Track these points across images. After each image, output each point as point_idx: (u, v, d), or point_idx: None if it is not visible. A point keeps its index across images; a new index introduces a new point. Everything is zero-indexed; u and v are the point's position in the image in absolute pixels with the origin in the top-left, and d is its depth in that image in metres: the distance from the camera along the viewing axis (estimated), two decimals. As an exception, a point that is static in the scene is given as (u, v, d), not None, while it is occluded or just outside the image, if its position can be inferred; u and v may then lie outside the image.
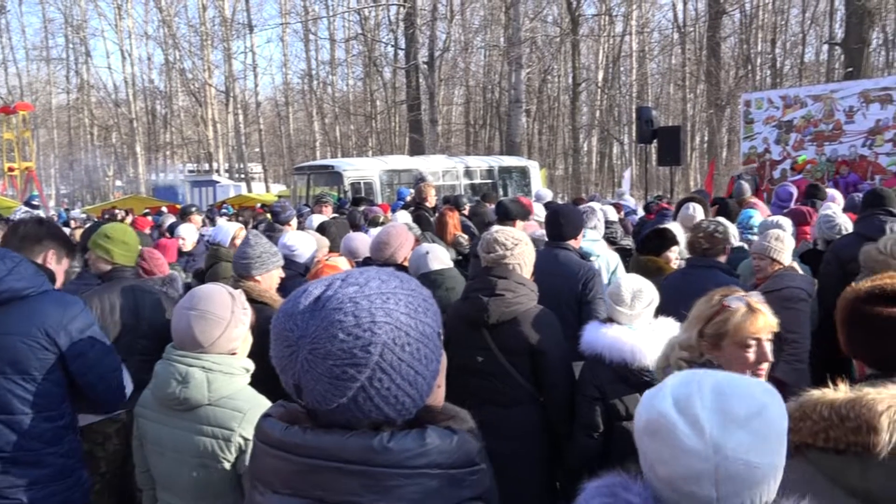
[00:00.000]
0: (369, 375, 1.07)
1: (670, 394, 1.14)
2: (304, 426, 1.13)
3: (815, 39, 34.43)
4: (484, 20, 34.56)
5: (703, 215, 5.67)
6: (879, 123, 13.78)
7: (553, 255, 4.18)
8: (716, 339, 2.24)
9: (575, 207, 4.83)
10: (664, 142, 13.74)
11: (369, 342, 1.07)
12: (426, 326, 1.15)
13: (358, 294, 1.11)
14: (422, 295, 1.18)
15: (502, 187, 18.17)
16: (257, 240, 3.43)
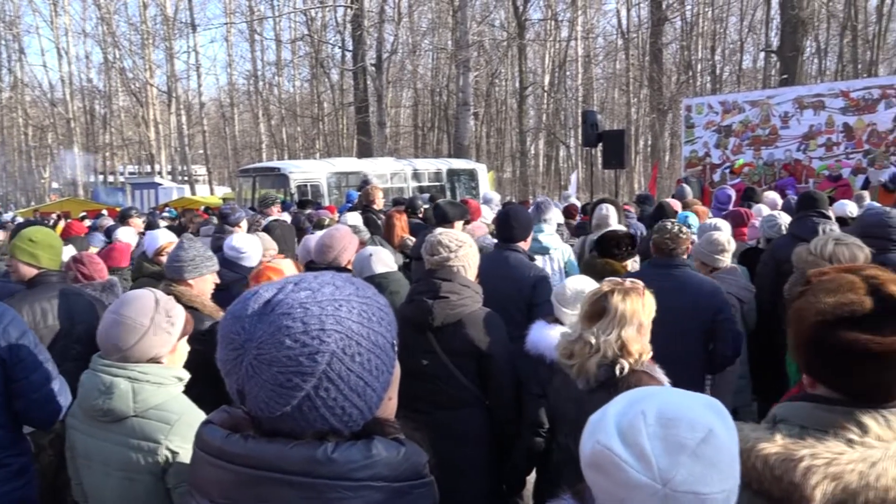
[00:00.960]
0: (315, 385, 1.04)
1: (614, 423, 1.08)
2: (245, 434, 1.09)
3: (752, 47, 35.61)
4: (432, 23, 34.64)
5: (615, 216, 5.79)
6: (812, 129, 14.32)
7: (503, 257, 4.20)
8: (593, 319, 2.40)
9: (524, 209, 4.85)
10: (609, 145, 13.93)
11: (317, 350, 1.04)
12: (379, 336, 1.12)
13: (309, 299, 1.07)
14: (377, 303, 1.15)
15: (451, 190, 18.22)
16: (191, 243, 3.36)
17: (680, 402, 1.10)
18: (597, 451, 1.08)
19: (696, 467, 1.03)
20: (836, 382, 1.37)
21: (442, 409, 3.01)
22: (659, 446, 1.04)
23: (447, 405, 3.03)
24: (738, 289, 4.58)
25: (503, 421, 3.09)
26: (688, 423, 1.05)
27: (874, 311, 1.33)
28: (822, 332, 1.36)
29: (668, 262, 3.99)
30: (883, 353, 1.29)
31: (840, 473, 1.24)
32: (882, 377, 1.32)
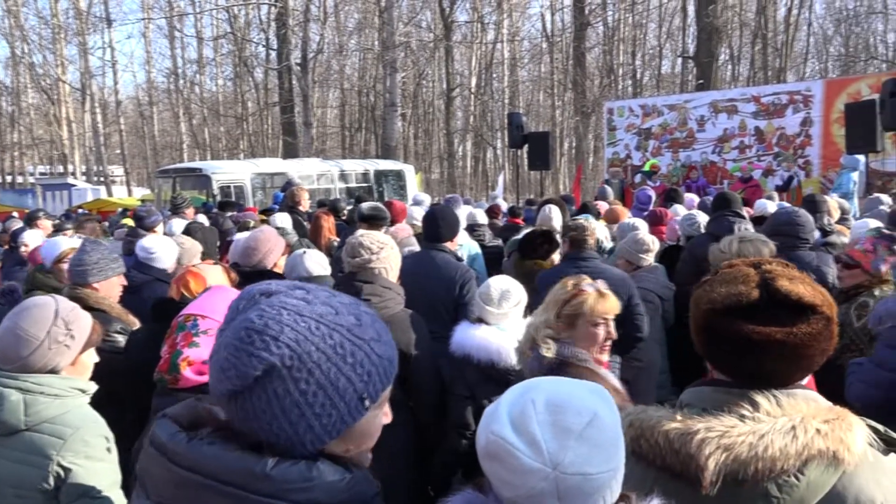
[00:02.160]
0: (249, 386, 0.99)
1: (506, 413, 1.14)
2: (191, 434, 1.04)
3: (670, 53, 36.84)
4: (358, 23, 34.40)
5: (559, 217, 5.91)
6: (727, 132, 14.92)
7: (430, 257, 4.23)
8: (572, 319, 2.48)
9: (452, 210, 4.88)
10: (534, 147, 14.19)
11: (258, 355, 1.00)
12: (344, 379, 1.05)
13: (293, 307, 1.03)
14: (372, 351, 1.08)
15: (378, 191, 18.14)
16: (94, 246, 3.23)
17: (567, 390, 1.16)
18: (491, 441, 1.13)
19: (583, 449, 1.09)
20: (725, 367, 1.46)
21: (368, 413, 2.96)
22: (548, 432, 1.10)
23: (373, 409, 2.99)
24: (659, 286, 4.72)
25: (426, 422, 3.08)
26: (574, 409, 1.12)
27: (760, 303, 1.41)
28: (711, 320, 1.44)
29: (581, 255, 4.30)
30: (764, 341, 1.37)
31: (731, 445, 1.32)
32: (765, 364, 1.40)
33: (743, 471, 1.31)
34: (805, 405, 1.37)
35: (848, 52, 38.51)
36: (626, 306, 3.98)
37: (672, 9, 34.86)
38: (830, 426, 1.33)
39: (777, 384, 1.40)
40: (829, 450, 1.30)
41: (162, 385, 2.29)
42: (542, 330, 2.49)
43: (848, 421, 1.35)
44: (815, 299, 1.41)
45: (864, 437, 1.35)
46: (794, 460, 1.30)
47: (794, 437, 1.31)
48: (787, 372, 1.41)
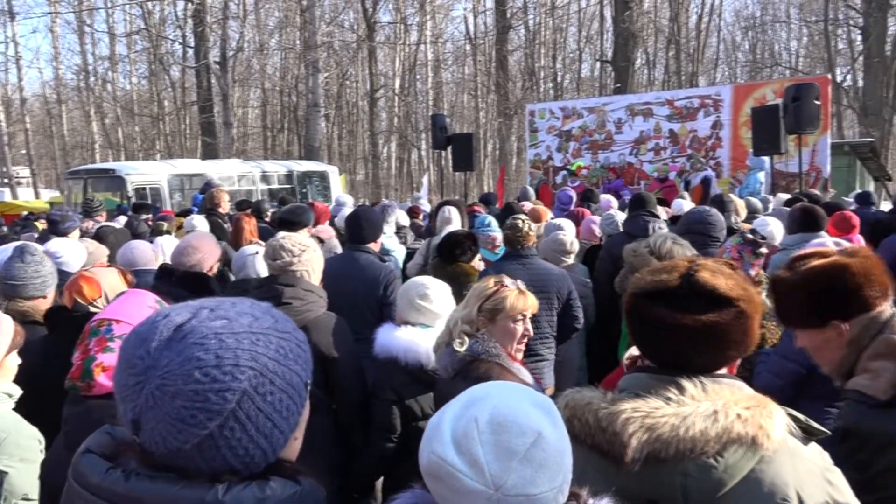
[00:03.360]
0: (220, 424, 0.96)
1: (449, 431, 1.12)
2: (128, 469, 0.99)
3: (590, 57, 37.76)
4: (279, 22, 33.78)
5: (458, 217, 5.98)
6: (643, 134, 15.41)
7: (353, 258, 4.22)
8: (492, 314, 2.53)
9: (375, 210, 4.88)
10: (458, 148, 14.27)
11: (228, 387, 0.96)
12: (294, 375, 1.05)
13: (225, 329, 0.99)
14: (296, 339, 1.09)
15: (302, 193, 17.88)
16: (31, 257, 3.06)
17: (511, 405, 1.14)
18: (433, 462, 1.12)
19: (527, 471, 1.09)
20: (648, 351, 1.54)
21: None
22: (491, 453, 1.09)
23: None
24: (578, 286, 4.84)
25: (350, 425, 3.06)
26: (518, 429, 1.11)
27: (679, 291, 1.48)
28: (634, 304, 1.54)
29: (520, 253, 4.43)
30: (675, 326, 1.45)
31: (654, 425, 1.38)
32: (680, 349, 1.47)
33: (665, 450, 1.37)
34: (729, 392, 1.44)
35: (755, 58, 40.43)
36: (566, 300, 4.38)
37: (591, 14, 35.80)
38: (751, 412, 1.40)
39: (697, 371, 1.47)
40: (749, 435, 1.37)
41: (74, 392, 2.20)
42: (459, 325, 2.52)
43: (769, 409, 1.42)
44: (731, 293, 1.48)
45: (783, 425, 1.42)
46: (714, 443, 1.36)
47: (714, 421, 1.37)
48: (702, 359, 1.47)
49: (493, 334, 2.51)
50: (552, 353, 4.40)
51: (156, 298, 2.17)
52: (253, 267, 3.85)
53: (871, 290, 1.88)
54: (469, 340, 2.47)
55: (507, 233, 4.54)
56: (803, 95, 10.19)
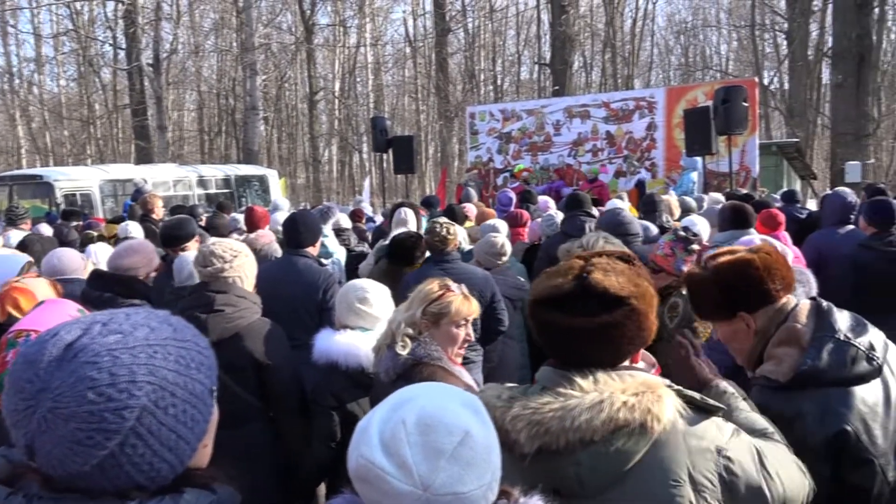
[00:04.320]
0: (121, 442, 0.93)
1: (377, 434, 1.13)
2: (30, 494, 0.95)
3: (528, 59, 38.20)
4: (215, 23, 33.12)
5: (414, 219, 5.99)
6: (581, 136, 15.68)
7: (292, 263, 4.17)
8: (436, 318, 2.52)
9: (313, 214, 4.82)
10: (399, 151, 14.25)
11: (125, 405, 0.93)
12: (197, 384, 1.03)
13: (119, 345, 0.96)
14: (197, 346, 1.06)
15: (240, 197, 17.58)
16: None
17: (439, 405, 1.15)
18: (361, 465, 1.12)
19: (455, 469, 1.10)
20: (553, 352, 1.60)
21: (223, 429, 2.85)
22: (419, 454, 1.10)
23: (229, 424, 2.87)
24: (509, 288, 4.87)
25: (288, 433, 3.01)
26: (445, 428, 1.12)
27: (573, 294, 1.54)
28: (534, 310, 1.59)
29: (444, 257, 4.40)
30: (572, 329, 1.51)
31: (542, 420, 1.44)
32: (579, 349, 1.53)
33: (555, 442, 1.43)
34: (620, 381, 1.48)
35: (687, 61, 41.61)
36: (489, 303, 4.31)
37: (529, 17, 36.25)
38: (638, 399, 1.45)
39: (597, 366, 1.52)
40: (636, 420, 1.43)
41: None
42: (402, 327, 2.50)
43: (657, 393, 1.47)
44: (622, 291, 1.52)
45: (673, 407, 1.48)
46: (601, 432, 1.42)
47: (599, 411, 1.43)
48: (601, 356, 1.53)
49: (435, 338, 2.50)
50: (479, 356, 4.42)
51: (77, 307, 2.09)
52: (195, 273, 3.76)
53: (773, 283, 2.00)
54: (411, 343, 2.46)
55: (426, 237, 4.51)
56: (732, 98, 10.55)
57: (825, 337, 1.91)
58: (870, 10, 19.96)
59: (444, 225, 4.47)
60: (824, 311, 1.98)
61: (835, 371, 1.87)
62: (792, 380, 1.88)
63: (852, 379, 1.88)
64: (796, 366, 1.89)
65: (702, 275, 2.08)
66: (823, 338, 1.91)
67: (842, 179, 17.07)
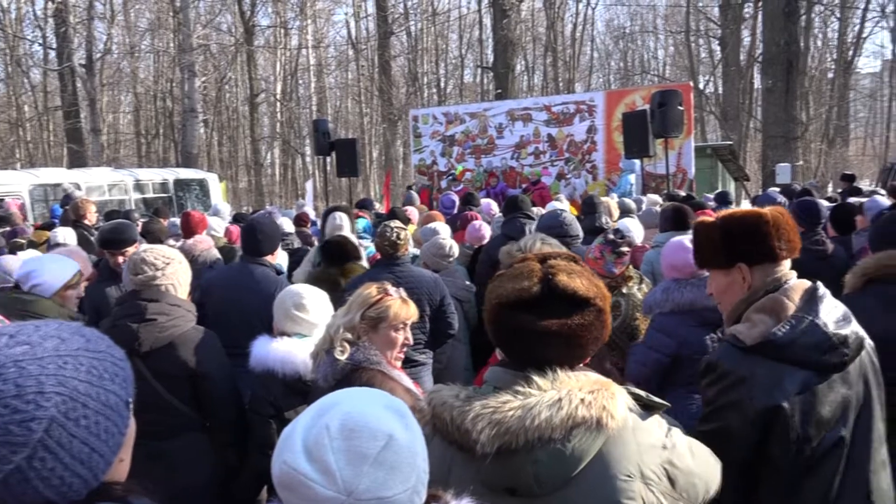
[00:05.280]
0: (28, 456, 0.89)
1: (301, 441, 1.13)
2: None
3: (471, 63, 38.44)
4: (151, 23, 32.29)
5: (348, 223, 5.96)
6: (523, 139, 15.84)
7: (248, 271, 4.08)
8: (375, 322, 2.51)
9: (274, 222, 4.72)
10: (342, 154, 14.14)
11: (32, 417, 0.89)
12: (111, 395, 1.00)
13: (26, 356, 0.92)
14: (112, 357, 1.03)
15: (179, 202, 17.17)
16: None
17: (362, 411, 1.15)
18: (284, 472, 1.11)
19: (379, 474, 1.10)
20: (511, 354, 1.60)
21: (158, 440, 2.78)
22: (342, 459, 1.10)
23: (164, 435, 2.82)
24: (457, 290, 4.91)
25: (226, 444, 2.95)
26: (369, 433, 1.12)
27: (541, 297, 1.55)
28: (500, 313, 1.57)
29: (393, 262, 4.37)
30: (543, 332, 1.52)
31: (502, 419, 1.45)
32: (546, 352, 1.54)
33: (514, 441, 1.43)
34: (575, 380, 1.51)
35: (626, 66, 42.55)
36: (438, 305, 4.34)
37: (471, 21, 36.48)
38: (594, 396, 1.48)
39: (559, 367, 1.54)
40: (593, 417, 1.45)
41: None
42: (341, 332, 2.48)
43: (611, 390, 1.51)
44: (588, 293, 1.56)
45: (625, 404, 1.52)
46: (560, 429, 1.44)
47: (559, 409, 1.45)
48: (566, 358, 1.55)
49: (373, 342, 2.49)
50: (428, 358, 4.43)
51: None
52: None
53: (778, 241, 2.03)
54: (350, 348, 2.44)
55: (376, 241, 4.49)
56: (668, 101, 10.81)
57: (804, 318, 1.93)
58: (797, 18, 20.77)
59: (395, 229, 4.41)
60: (818, 296, 2.00)
61: (799, 351, 1.90)
62: (758, 345, 1.92)
63: (813, 365, 1.91)
64: (766, 333, 1.92)
65: (712, 222, 2.13)
66: (803, 318, 1.93)
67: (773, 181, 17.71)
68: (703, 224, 2.16)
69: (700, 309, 3.29)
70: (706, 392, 2.00)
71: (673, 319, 3.33)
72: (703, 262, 2.21)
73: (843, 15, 33.38)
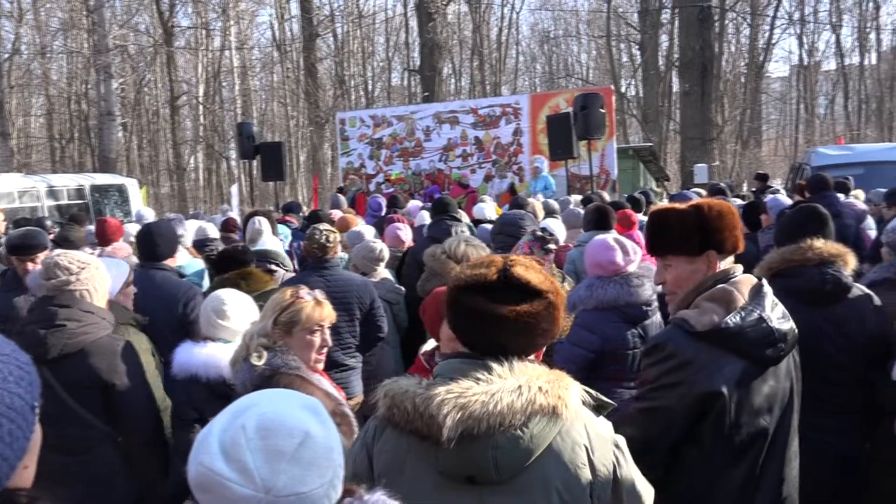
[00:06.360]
0: None
1: (217, 442, 1.14)
2: None
3: (399, 66, 38.43)
4: (63, 23, 30.95)
5: (269, 228, 5.91)
6: (450, 141, 15.94)
7: (148, 277, 3.97)
8: (289, 326, 2.49)
9: (170, 224, 4.63)
10: (267, 157, 13.93)
11: None
12: (16, 398, 0.96)
13: None
14: (17, 361, 1.00)
15: (97, 208, 16.52)
16: None
17: (278, 410, 1.18)
18: (201, 474, 1.13)
19: (296, 470, 1.13)
20: (467, 339, 1.65)
21: (68, 454, 2.68)
22: (260, 458, 1.12)
23: (74, 448, 2.71)
24: (387, 292, 4.92)
25: (139, 457, 2.87)
26: (286, 431, 1.15)
27: (496, 284, 1.60)
28: (456, 295, 1.64)
29: (322, 265, 4.36)
30: (493, 315, 1.57)
31: (466, 404, 1.49)
32: (496, 336, 1.59)
33: (477, 426, 1.47)
34: (532, 369, 1.57)
35: (551, 70, 43.34)
36: (368, 309, 4.35)
37: (398, 24, 36.46)
38: (551, 385, 1.54)
39: (510, 355, 1.59)
40: (550, 405, 1.52)
41: None
42: (256, 338, 2.46)
43: (565, 381, 1.58)
44: (541, 286, 1.61)
45: (578, 395, 1.60)
46: (520, 415, 1.49)
47: (519, 395, 1.50)
48: (517, 345, 1.60)
49: (291, 346, 2.48)
50: (358, 362, 4.41)
51: None
52: None
53: (738, 232, 2.17)
54: (267, 354, 2.42)
55: (305, 244, 4.48)
56: (590, 104, 11.08)
57: (753, 311, 2.02)
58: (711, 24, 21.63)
59: (324, 232, 4.40)
60: (763, 292, 2.10)
61: (745, 342, 1.99)
62: (707, 332, 2.00)
63: (754, 356, 2.01)
64: (716, 322, 2.00)
65: (682, 209, 2.18)
66: (752, 311, 2.02)
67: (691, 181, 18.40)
68: (674, 210, 2.20)
69: (623, 305, 3.40)
70: (648, 371, 2.08)
71: (596, 316, 3.43)
72: (667, 248, 2.22)
73: (754, 22, 34.97)
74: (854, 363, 2.84)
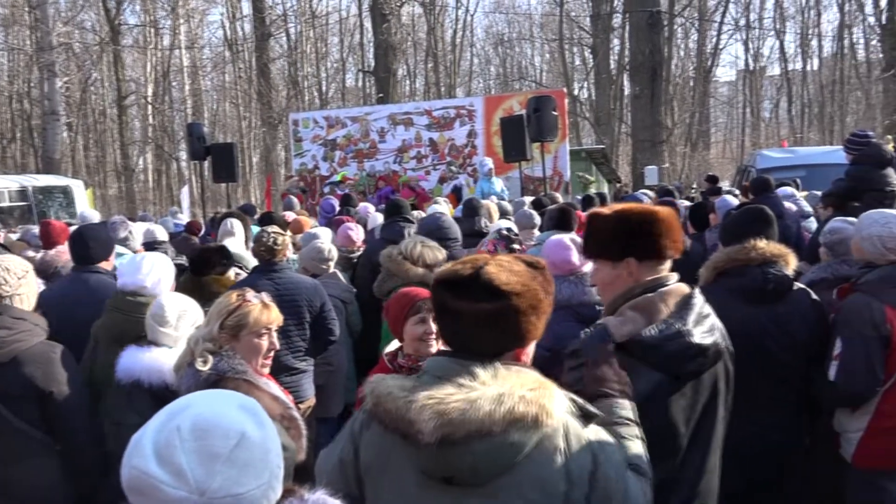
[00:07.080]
0: None
1: (151, 444, 1.12)
2: None
3: (353, 67, 38.23)
4: (4, 19, 29.95)
5: (241, 230, 5.82)
6: (405, 143, 15.91)
7: (82, 281, 3.83)
8: (235, 330, 2.46)
9: (104, 226, 4.51)
10: (218, 159, 13.69)
11: None
12: None
13: None
14: None
15: (40, 211, 16.02)
16: None
17: (215, 410, 1.17)
18: (133, 476, 1.11)
19: (232, 472, 1.11)
20: (444, 336, 1.66)
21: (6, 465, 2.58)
22: (194, 459, 1.10)
23: (9, 459, 2.61)
24: (341, 292, 4.88)
25: (80, 469, 2.78)
26: (221, 432, 1.13)
27: (468, 281, 1.59)
28: (434, 290, 1.66)
29: (270, 268, 4.29)
30: (456, 311, 1.58)
31: (445, 410, 1.48)
32: (461, 333, 1.60)
33: (456, 432, 1.47)
34: (517, 377, 1.55)
35: (505, 72, 43.64)
36: (318, 311, 4.28)
37: (352, 25, 36.25)
38: (535, 394, 1.52)
39: (486, 354, 1.58)
40: (531, 414, 1.50)
41: None
42: (201, 343, 2.42)
43: (550, 391, 1.56)
44: (505, 287, 1.58)
45: (562, 405, 1.58)
46: (500, 424, 1.48)
47: (500, 404, 1.49)
48: (482, 344, 1.59)
49: (238, 350, 2.44)
50: (309, 365, 4.35)
51: None
52: None
53: (667, 240, 2.09)
54: (213, 358, 2.38)
55: (253, 247, 4.41)
56: (543, 107, 11.17)
57: (673, 325, 1.98)
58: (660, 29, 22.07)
59: (273, 234, 4.34)
60: (691, 304, 2.04)
61: (661, 356, 1.95)
62: (625, 342, 1.97)
63: (671, 371, 1.97)
64: (635, 332, 1.97)
65: (608, 214, 2.15)
66: (672, 325, 1.98)
67: (642, 182, 18.74)
68: (598, 215, 2.18)
69: (576, 305, 3.42)
70: (567, 376, 2.01)
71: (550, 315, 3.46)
72: (592, 252, 2.23)
73: (702, 27, 35.82)
74: (797, 360, 2.91)
